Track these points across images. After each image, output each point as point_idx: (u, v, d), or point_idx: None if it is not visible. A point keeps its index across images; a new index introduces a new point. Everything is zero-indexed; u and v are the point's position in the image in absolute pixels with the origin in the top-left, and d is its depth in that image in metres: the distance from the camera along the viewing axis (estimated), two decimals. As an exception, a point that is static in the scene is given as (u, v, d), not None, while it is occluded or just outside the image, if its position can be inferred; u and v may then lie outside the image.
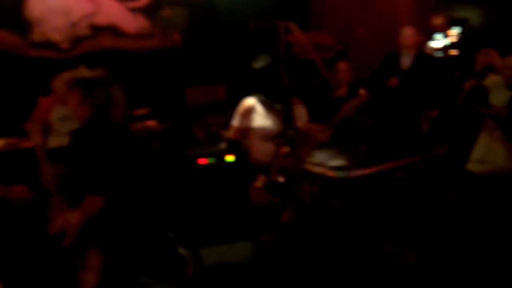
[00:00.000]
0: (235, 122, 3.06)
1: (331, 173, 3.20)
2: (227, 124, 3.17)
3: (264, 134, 2.99)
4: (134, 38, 5.32)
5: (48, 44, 4.90)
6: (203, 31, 5.61)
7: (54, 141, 3.15)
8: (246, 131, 3.05)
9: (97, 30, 5.12)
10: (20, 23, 4.74)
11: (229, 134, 3.11)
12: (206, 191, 4.08)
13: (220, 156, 4.15)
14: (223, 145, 4.11)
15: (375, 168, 3.29)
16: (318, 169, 3.30)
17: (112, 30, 5.20)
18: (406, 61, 4.52)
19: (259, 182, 2.92)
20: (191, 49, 5.58)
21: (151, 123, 4.67)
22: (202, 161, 4.17)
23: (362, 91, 4.23)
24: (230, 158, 4.02)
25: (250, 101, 3.02)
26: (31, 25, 4.80)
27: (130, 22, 5.28)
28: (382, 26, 5.37)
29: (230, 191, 3.85)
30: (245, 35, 5.70)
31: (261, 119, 2.98)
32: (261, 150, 3.02)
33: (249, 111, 3.00)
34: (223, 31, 5.68)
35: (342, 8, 5.87)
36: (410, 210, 3.51)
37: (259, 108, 2.99)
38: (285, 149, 2.90)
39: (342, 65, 4.38)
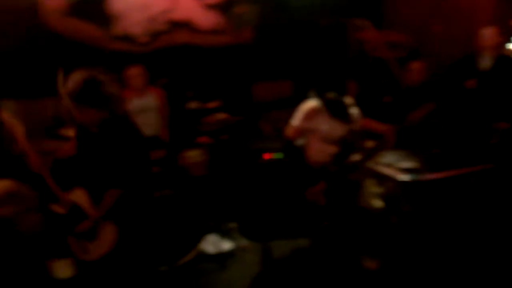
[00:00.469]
0: (296, 121, 3.06)
1: (401, 175, 3.14)
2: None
3: (328, 137, 2.99)
4: (208, 34, 5.47)
5: (128, 38, 5.15)
6: (273, 28, 5.67)
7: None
8: (306, 131, 3.04)
9: (174, 25, 5.32)
10: (103, 17, 5.02)
11: (288, 132, 3.11)
12: (269, 185, 4.13)
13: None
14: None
15: (448, 172, 3.18)
16: (387, 170, 3.25)
17: (188, 26, 5.38)
18: (484, 62, 4.30)
19: (319, 186, 2.94)
20: (261, 45, 5.66)
21: (222, 115, 4.80)
22: (267, 156, 4.22)
23: (428, 105, 4.11)
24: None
25: (316, 103, 3.00)
26: (113, 19, 5.07)
27: (205, 19, 5.44)
28: (461, 25, 5.13)
29: (292, 188, 3.88)
30: (315, 33, 5.69)
31: (327, 122, 2.98)
32: (321, 152, 3.03)
33: (315, 112, 2.99)
34: (293, 28, 5.71)
35: (417, 6, 5.68)
36: (484, 216, 3.35)
37: (325, 111, 2.97)
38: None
39: (416, 65, 4.27)
